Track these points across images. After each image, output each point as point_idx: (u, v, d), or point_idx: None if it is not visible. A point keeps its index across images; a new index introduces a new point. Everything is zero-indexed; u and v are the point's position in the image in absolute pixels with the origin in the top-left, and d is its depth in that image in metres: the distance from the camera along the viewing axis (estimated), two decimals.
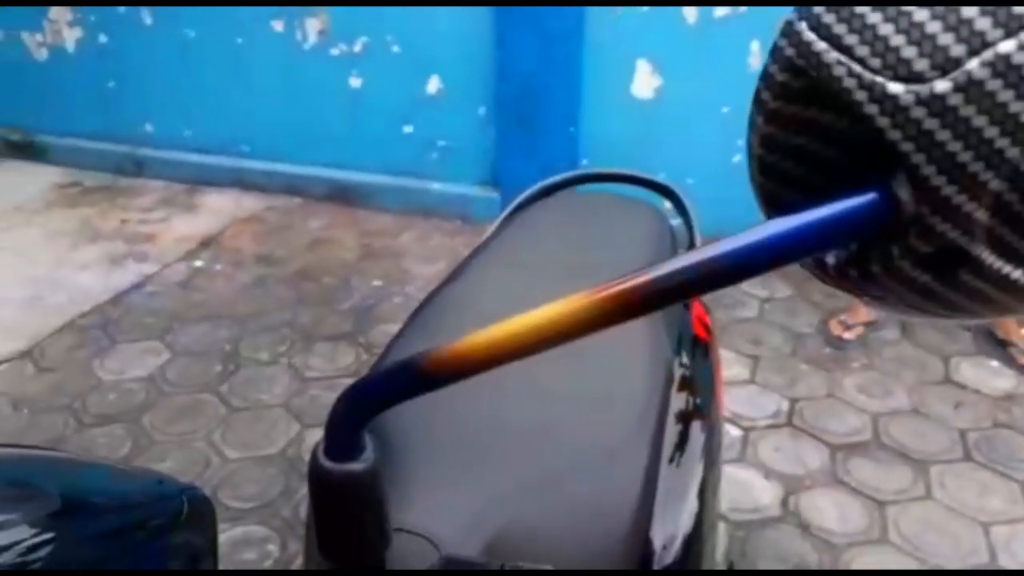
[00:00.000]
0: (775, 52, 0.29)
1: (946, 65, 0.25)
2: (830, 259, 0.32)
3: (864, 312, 2.44)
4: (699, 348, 1.13)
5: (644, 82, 2.97)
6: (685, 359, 1.04)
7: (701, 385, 1.07)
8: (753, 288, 2.74)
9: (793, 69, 0.28)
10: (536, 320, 0.33)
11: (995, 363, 2.36)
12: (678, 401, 0.95)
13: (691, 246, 1.27)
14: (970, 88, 0.25)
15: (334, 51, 3.24)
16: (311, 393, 2.28)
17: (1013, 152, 0.25)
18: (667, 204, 1.33)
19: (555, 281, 1.01)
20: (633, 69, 2.96)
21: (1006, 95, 0.25)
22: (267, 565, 1.74)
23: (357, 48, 3.22)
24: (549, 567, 0.40)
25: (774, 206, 0.32)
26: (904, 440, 2.07)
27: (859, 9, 0.26)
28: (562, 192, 1.35)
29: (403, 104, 3.25)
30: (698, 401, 1.02)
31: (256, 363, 2.40)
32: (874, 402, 2.20)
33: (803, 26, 0.28)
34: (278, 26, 3.25)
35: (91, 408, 2.19)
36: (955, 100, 0.25)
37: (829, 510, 1.87)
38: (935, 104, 0.25)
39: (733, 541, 1.78)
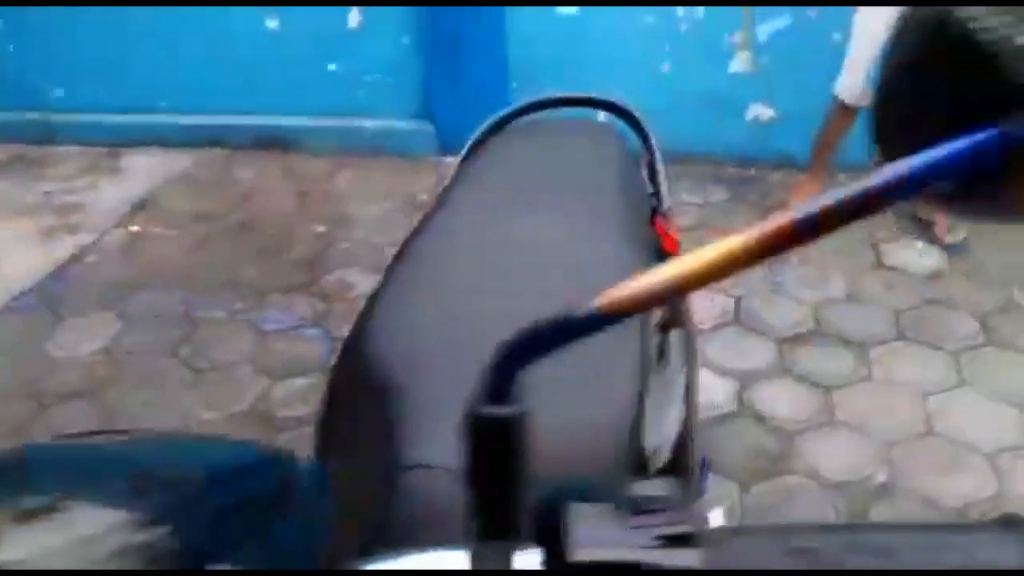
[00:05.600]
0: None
1: None
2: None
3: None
4: (668, 260, 1.18)
5: None
6: None
7: None
8: (690, 195, 2.82)
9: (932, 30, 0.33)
10: (693, 264, 0.36)
11: (921, 244, 2.50)
12: (655, 311, 1.01)
13: (651, 165, 1.31)
14: None
15: None
16: (274, 347, 2.29)
17: None
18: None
19: (526, 214, 1.04)
20: None
21: None
22: None
23: None
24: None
25: (892, 144, 0.36)
26: (843, 327, 2.20)
27: None
28: (521, 120, 1.36)
29: (324, 42, 3.16)
30: (673, 309, 1.08)
31: (213, 322, 2.39)
32: (813, 293, 2.33)
33: None
34: None
35: (50, 388, 2.16)
36: None
37: (780, 400, 2.00)
38: None
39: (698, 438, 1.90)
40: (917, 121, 0.35)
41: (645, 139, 1.26)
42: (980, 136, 0.33)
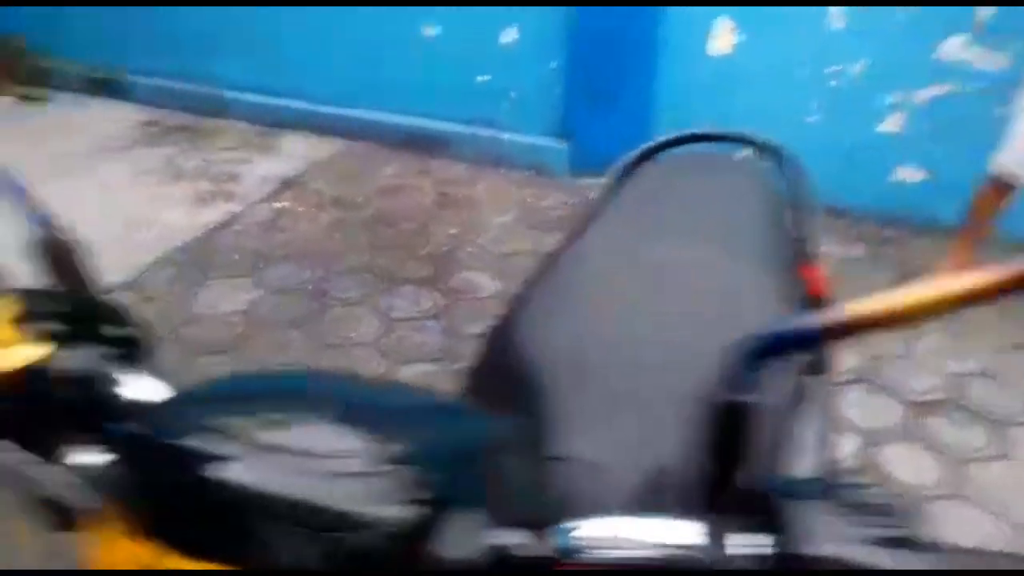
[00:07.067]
0: None
1: None
2: None
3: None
4: (819, 305, 1.18)
5: (724, 39, 2.97)
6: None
7: None
8: (826, 247, 2.77)
9: None
10: (930, 292, 0.37)
11: None
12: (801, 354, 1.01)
13: (799, 206, 1.31)
14: None
15: None
16: (397, 334, 2.37)
17: None
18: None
19: (674, 242, 1.06)
20: (711, 26, 2.96)
21: None
22: None
23: None
24: None
25: None
26: (978, 401, 2.12)
27: None
28: (670, 153, 1.38)
29: (478, 54, 3.28)
30: (817, 355, 1.08)
31: (343, 303, 2.49)
32: (947, 363, 2.25)
33: None
34: None
35: (196, 339, 2.30)
36: None
37: (905, 464, 1.93)
38: None
39: None
40: None
41: (797, 182, 1.25)
42: None
